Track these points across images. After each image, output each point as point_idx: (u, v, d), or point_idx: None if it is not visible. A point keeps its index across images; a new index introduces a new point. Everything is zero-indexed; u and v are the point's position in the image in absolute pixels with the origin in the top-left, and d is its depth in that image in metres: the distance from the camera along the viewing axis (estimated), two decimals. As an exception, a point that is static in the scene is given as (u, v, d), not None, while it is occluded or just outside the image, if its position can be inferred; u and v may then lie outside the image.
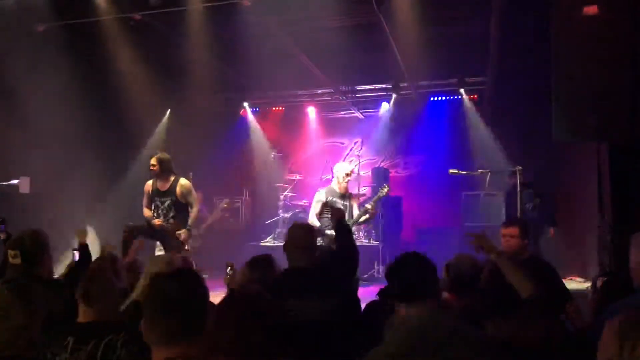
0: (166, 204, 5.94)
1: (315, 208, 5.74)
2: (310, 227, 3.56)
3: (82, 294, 2.42)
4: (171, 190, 5.93)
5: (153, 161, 5.95)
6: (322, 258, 3.52)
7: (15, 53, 7.08)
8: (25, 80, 7.24)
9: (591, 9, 3.99)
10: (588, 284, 2.89)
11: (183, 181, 6.01)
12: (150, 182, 6.08)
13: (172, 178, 5.97)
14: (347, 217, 5.71)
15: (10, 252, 3.01)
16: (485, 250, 2.77)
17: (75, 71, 7.73)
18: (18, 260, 2.97)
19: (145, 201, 6.09)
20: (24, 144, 7.36)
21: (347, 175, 5.75)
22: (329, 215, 5.60)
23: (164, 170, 5.94)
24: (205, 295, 1.59)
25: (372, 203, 5.81)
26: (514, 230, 3.75)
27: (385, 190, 5.97)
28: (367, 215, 5.80)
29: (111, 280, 2.57)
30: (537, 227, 6.94)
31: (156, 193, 5.99)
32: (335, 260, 3.48)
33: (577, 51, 4.19)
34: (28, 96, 7.45)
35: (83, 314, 2.40)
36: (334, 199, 5.68)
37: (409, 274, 2.21)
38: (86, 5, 6.81)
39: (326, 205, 5.63)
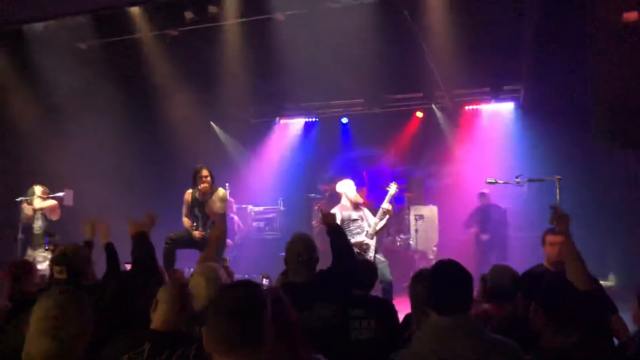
0: (206, 214, 5.93)
1: None
2: (310, 240, 3.38)
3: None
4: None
5: (205, 173, 5.89)
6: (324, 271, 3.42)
7: (59, 70, 7.33)
8: (70, 96, 7.51)
9: (631, 15, 3.90)
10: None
11: (221, 192, 6.02)
12: (190, 192, 6.04)
13: (213, 188, 5.97)
14: (365, 226, 5.77)
15: (56, 268, 3.12)
16: (558, 229, 2.82)
17: (117, 86, 7.99)
18: (64, 275, 3.08)
19: (184, 211, 6.06)
20: (68, 158, 7.58)
21: (353, 186, 6.02)
22: (349, 229, 5.69)
23: (214, 181, 5.97)
24: (265, 305, 1.61)
25: (386, 202, 5.89)
26: None
27: (394, 187, 6.03)
28: (386, 217, 5.90)
29: (189, 292, 2.60)
30: None
31: (196, 203, 5.97)
32: (333, 270, 3.39)
33: (617, 57, 4.11)
34: (72, 111, 7.70)
35: (159, 320, 2.40)
36: (349, 213, 5.86)
37: (445, 284, 2.16)
38: (125, 23, 7.03)
39: (343, 222, 5.75)
